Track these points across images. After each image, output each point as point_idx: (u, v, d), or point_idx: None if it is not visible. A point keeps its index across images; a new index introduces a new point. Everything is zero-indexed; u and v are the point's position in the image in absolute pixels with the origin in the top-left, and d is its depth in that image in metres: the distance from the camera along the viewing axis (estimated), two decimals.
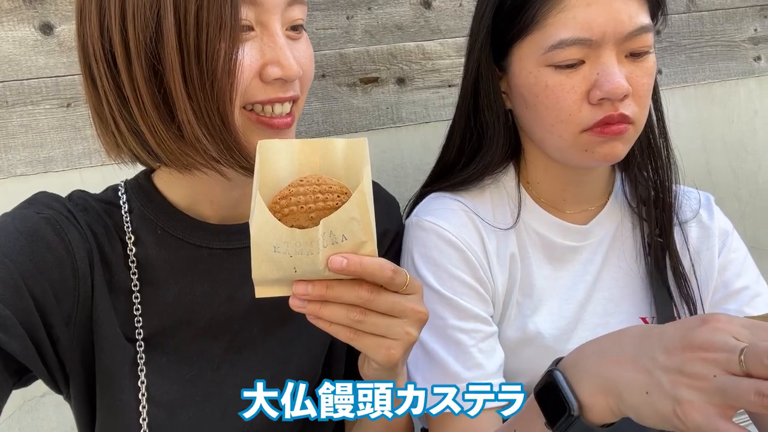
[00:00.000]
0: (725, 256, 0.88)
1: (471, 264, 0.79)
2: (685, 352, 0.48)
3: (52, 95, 1.12)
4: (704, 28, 1.52)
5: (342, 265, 0.52)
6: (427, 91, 1.33)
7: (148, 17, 0.60)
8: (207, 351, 0.73)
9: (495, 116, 0.83)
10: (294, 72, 0.64)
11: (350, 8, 1.27)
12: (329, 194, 0.53)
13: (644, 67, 0.75)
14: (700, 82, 1.53)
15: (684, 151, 1.51)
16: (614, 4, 0.72)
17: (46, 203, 0.70)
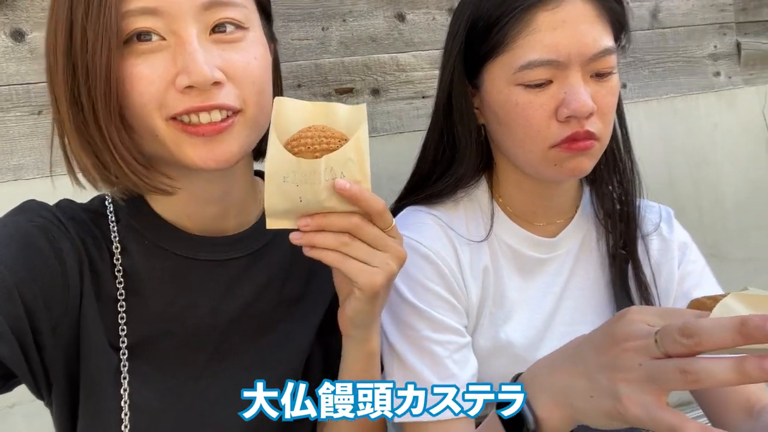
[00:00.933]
0: (684, 267, 0.92)
1: (445, 277, 0.82)
2: (611, 348, 0.51)
3: (23, 102, 1.11)
4: (667, 45, 1.59)
5: (346, 186, 0.60)
6: (401, 102, 1.36)
7: (58, 40, 0.63)
8: (189, 360, 0.73)
9: (467, 132, 0.86)
10: (203, 78, 0.61)
11: (326, 20, 1.29)
12: (332, 139, 0.62)
13: (608, 86, 0.79)
14: (663, 96, 1.59)
15: (647, 162, 1.57)
16: (579, 28, 0.76)
17: (37, 211, 0.70)
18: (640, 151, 1.56)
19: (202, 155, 0.65)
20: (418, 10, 1.36)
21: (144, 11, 0.61)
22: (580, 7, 0.77)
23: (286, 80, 1.26)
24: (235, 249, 0.76)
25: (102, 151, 0.64)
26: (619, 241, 0.92)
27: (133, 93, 0.63)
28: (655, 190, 1.61)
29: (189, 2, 0.62)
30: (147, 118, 0.64)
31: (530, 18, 0.76)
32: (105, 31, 0.60)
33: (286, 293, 0.80)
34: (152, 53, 0.63)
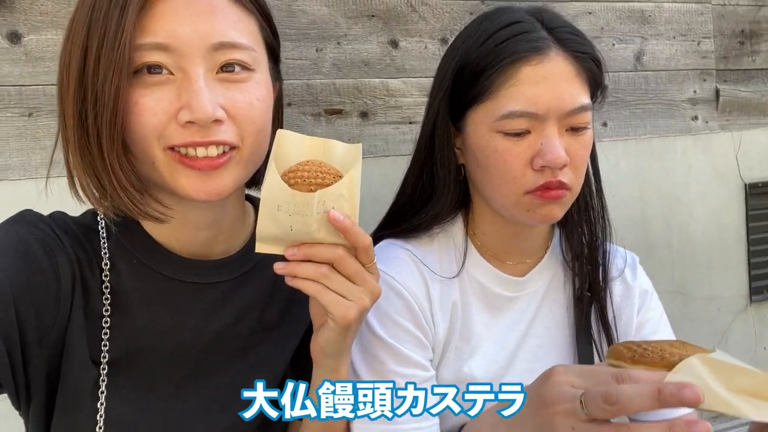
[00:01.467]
0: (643, 314, 0.97)
1: (414, 313, 0.85)
2: (543, 410, 0.56)
3: (15, 104, 1.12)
4: (648, 87, 1.64)
5: (339, 218, 0.64)
6: (388, 126, 1.39)
7: (73, 63, 0.66)
8: (167, 377, 0.75)
9: (447, 171, 0.90)
10: (204, 115, 0.64)
11: (320, 41, 1.31)
12: (327, 174, 0.65)
13: (582, 140, 0.83)
14: (641, 136, 1.64)
15: (622, 199, 1.64)
16: (559, 84, 0.80)
17: (35, 223, 0.71)
18: (616, 188, 1.63)
19: (195, 187, 0.68)
20: (411, 38, 1.39)
21: (156, 47, 0.64)
22: (561, 65, 0.81)
23: None
24: (221, 273, 0.79)
25: (101, 174, 0.66)
26: (585, 283, 0.96)
27: (137, 122, 0.65)
28: (628, 225, 1.67)
29: (199, 42, 0.66)
30: (147, 146, 0.66)
31: (515, 71, 0.81)
32: (117, 61, 0.63)
33: (266, 318, 0.82)
34: (159, 86, 0.66)
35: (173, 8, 0.65)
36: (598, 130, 1.59)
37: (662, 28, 1.63)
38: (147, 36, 0.64)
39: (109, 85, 0.63)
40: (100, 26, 0.64)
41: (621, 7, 1.58)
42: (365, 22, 1.35)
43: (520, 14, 0.86)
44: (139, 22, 0.64)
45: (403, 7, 1.38)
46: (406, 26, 1.38)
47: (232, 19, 0.69)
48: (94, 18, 0.64)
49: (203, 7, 0.67)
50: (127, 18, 0.63)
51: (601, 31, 1.57)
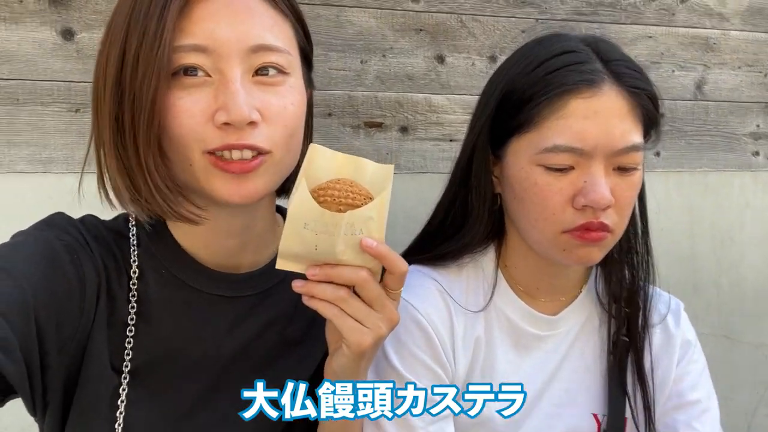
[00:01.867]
0: (683, 367, 0.90)
1: (435, 347, 0.82)
2: None
3: (63, 99, 1.15)
4: (708, 118, 1.56)
5: (373, 245, 0.63)
6: (428, 142, 1.36)
7: (111, 63, 0.66)
8: (187, 389, 0.75)
9: (482, 199, 0.86)
10: (240, 117, 0.64)
11: (366, 53, 1.30)
12: (358, 195, 0.64)
13: (630, 181, 0.78)
14: (696, 169, 1.56)
15: (670, 233, 1.55)
16: (610, 120, 0.75)
17: (64, 228, 0.72)
18: (666, 221, 1.55)
19: (229, 190, 0.68)
20: (458, 54, 1.36)
21: (195, 48, 0.65)
22: (614, 100, 0.76)
23: (317, 107, 1.28)
24: (246, 286, 0.78)
25: (136, 174, 0.66)
26: (622, 327, 0.90)
27: (174, 124, 0.65)
28: (675, 261, 1.59)
29: (238, 44, 0.66)
30: (184, 148, 0.66)
31: (563, 103, 0.76)
32: (156, 63, 0.63)
33: (288, 334, 0.81)
34: (196, 88, 0.66)
35: (212, 10, 0.65)
36: (650, 159, 1.51)
37: (727, 57, 1.55)
38: (186, 38, 0.64)
39: (147, 86, 0.63)
40: (139, 27, 0.64)
41: (684, 32, 1.50)
42: (412, 35, 1.32)
43: (574, 43, 0.81)
44: (178, 23, 0.64)
45: (453, 22, 1.34)
46: (455, 42, 1.35)
47: (268, 22, 0.68)
48: (134, 19, 0.64)
49: (241, 10, 0.66)
50: (167, 19, 0.63)
51: (660, 56, 1.50)
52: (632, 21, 1.46)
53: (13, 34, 1.11)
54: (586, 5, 1.42)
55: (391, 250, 0.65)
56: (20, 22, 1.11)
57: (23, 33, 1.11)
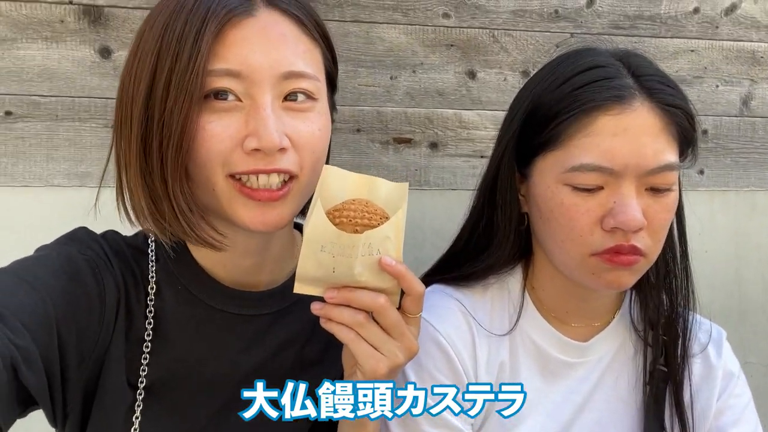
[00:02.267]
0: (725, 400, 0.85)
1: (456, 371, 0.79)
2: None
3: (100, 115, 1.18)
4: (755, 135, 1.48)
5: (392, 264, 0.62)
6: (458, 158, 1.34)
7: (140, 82, 0.66)
8: (201, 407, 0.75)
9: (507, 218, 0.83)
10: (271, 143, 0.64)
11: (395, 69, 1.29)
12: (374, 215, 0.64)
13: (664, 202, 0.74)
14: (743, 188, 1.48)
15: (714, 256, 1.48)
16: (641, 138, 0.71)
17: (86, 243, 0.73)
18: (710, 243, 1.48)
19: (253, 218, 0.67)
20: (490, 69, 1.34)
21: (228, 73, 0.65)
22: (644, 116, 0.72)
23: (346, 123, 1.28)
24: (263, 305, 0.78)
25: (161, 198, 0.66)
26: (659, 357, 0.85)
27: (202, 148, 0.65)
28: (720, 286, 1.50)
29: (270, 70, 0.65)
30: (209, 173, 0.66)
31: (591, 120, 0.73)
32: (189, 87, 0.63)
33: (305, 354, 0.80)
34: (226, 112, 0.65)
35: (246, 36, 0.65)
36: (694, 178, 1.45)
37: None
38: (219, 62, 0.64)
39: (179, 110, 0.63)
40: (172, 50, 0.64)
41: (729, 46, 1.44)
42: (443, 51, 1.31)
43: (603, 57, 0.78)
44: (212, 47, 0.64)
45: (485, 38, 1.33)
46: (486, 57, 1.33)
47: (301, 48, 0.68)
48: (166, 41, 0.64)
49: (275, 36, 0.66)
50: (203, 44, 0.63)
51: (704, 71, 1.44)
52: (673, 34, 1.41)
53: (54, 52, 1.15)
54: (624, 18, 1.38)
55: (408, 270, 0.63)
56: (61, 41, 1.15)
57: (63, 51, 1.15)
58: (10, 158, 1.15)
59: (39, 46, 1.14)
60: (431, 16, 1.30)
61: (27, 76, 1.14)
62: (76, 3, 1.15)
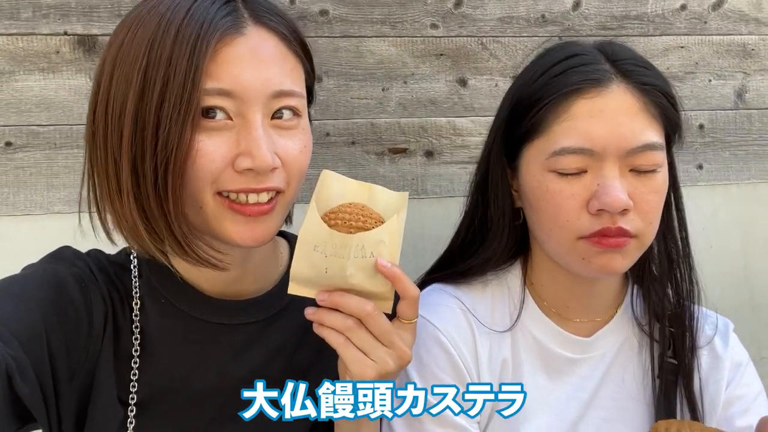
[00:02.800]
0: (733, 390, 0.83)
1: (458, 369, 0.78)
2: None
3: None
4: (752, 126, 1.47)
5: (387, 266, 0.62)
6: (454, 165, 1.34)
7: (123, 101, 0.63)
8: (192, 421, 0.74)
9: (500, 213, 0.83)
10: (265, 164, 0.63)
11: (387, 81, 1.31)
12: (369, 219, 0.64)
13: (650, 184, 0.74)
14: (744, 181, 1.47)
15: (720, 251, 1.46)
16: (618, 118, 0.72)
17: (72, 260, 0.74)
18: (714, 238, 1.46)
19: (241, 233, 0.67)
20: (481, 76, 1.35)
21: (220, 92, 0.64)
22: (621, 97, 0.73)
23: (341, 136, 1.29)
24: (249, 314, 0.77)
25: (158, 221, 0.64)
26: (667, 350, 0.84)
27: (193, 167, 0.64)
28: (728, 282, 1.48)
29: (262, 90, 0.65)
30: (198, 191, 0.65)
31: (569, 104, 0.74)
32: (185, 107, 0.61)
33: (296, 360, 0.79)
34: (217, 131, 0.65)
35: (238, 55, 0.65)
36: (693, 173, 1.44)
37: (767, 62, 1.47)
38: (212, 81, 0.63)
39: (176, 131, 0.61)
40: (163, 68, 0.62)
41: (718, 40, 1.45)
42: (433, 61, 1.32)
43: (582, 47, 0.79)
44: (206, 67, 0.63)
45: (474, 46, 1.34)
46: (476, 64, 1.34)
47: (288, 66, 0.69)
48: (154, 58, 0.62)
49: (266, 55, 0.66)
50: (200, 62, 0.62)
51: (695, 66, 1.44)
52: (662, 32, 1.42)
53: (51, 82, 1.17)
54: (611, 19, 1.39)
55: (404, 274, 0.63)
56: (57, 71, 1.17)
57: (60, 81, 1.18)
58: (11, 188, 1.16)
59: (36, 77, 1.16)
60: (419, 28, 1.31)
61: (25, 106, 1.16)
62: (71, 33, 1.18)
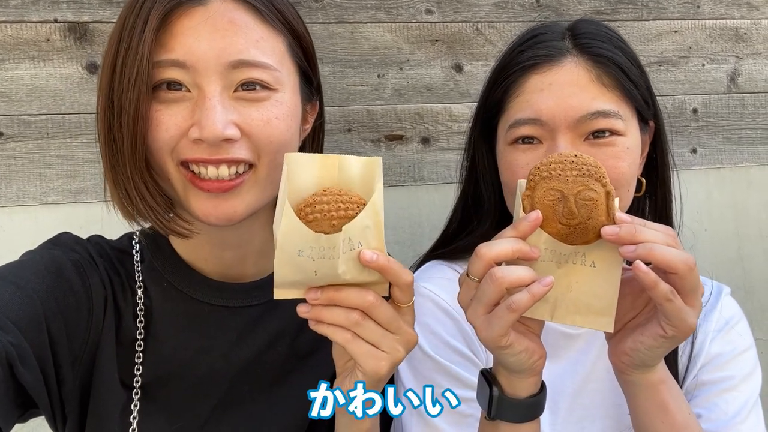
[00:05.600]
0: (717, 344, 0.84)
1: (465, 333, 0.80)
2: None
3: (90, 130, 1.18)
4: (745, 110, 1.49)
5: (373, 258, 0.57)
6: (450, 152, 1.34)
7: (103, 76, 0.67)
8: (196, 405, 0.74)
9: (490, 188, 0.87)
10: (212, 134, 0.63)
11: (382, 67, 1.30)
12: (350, 204, 0.58)
13: (609, 150, 0.74)
14: (737, 164, 1.48)
15: (715, 234, 1.47)
16: (566, 90, 0.75)
17: (70, 246, 0.74)
18: (708, 222, 1.47)
19: (204, 210, 0.67)
20: (476, 62, 1.35)
21: (174, 63, 0.65)
22: (572, 71, 0.76)
23: (337, 123, 1.28)
24: (251, 297, 0.77)
25: (130, 189, 0.67)
26: None
27: (151, 137, 0.66)
28: (723, 265, 1.50)
29: (216, 60, 0.65)
30: (161, 161, 0.67)
31: (524, 80, 0.78)
32: (136, 77, 0.64)
33: (299, 345, 0.79)
34: (175, 102, 0.66)
35: (192, 25, 0.65)
36: (687, 157, 1.45)
37: (760, 46, 1.48)
38: (165, 53, 0.65)
39: (130, 100, 0.64)
40: (125, 42, 0.65)
41: (711, 24, 1.45)
42: (428, 47, 1.32)
43: (550, 26, 0.83)
44: (159, 38, 0.64)
45: (469, 31, 1.34)
46: (471, 50, 1.34)
47: (254, 36, 0.67)
48: (123, 36, 0.66)
49: (223, 24, 0.65)
50: (146, 34, 0.64)
51: (689, 50, 1.45)
52: (655, 17, 1.42)
53: (42, 71, 1.15)
54: (606, 4, 1.40)
55: (393, 261, 0.59)
56: (48, 60, 1.15)
57: (51, 70, 1.16)
58: (3, 179, 1.14)
59: (26, 66, 1.15)
60: (414, 13, 1.31)
61: (16, 96, 1.14)
62: (61, 21, 1.16)
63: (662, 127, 0.85)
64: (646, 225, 0.59)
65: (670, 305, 0.58)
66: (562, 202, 0.60)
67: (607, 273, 0.62)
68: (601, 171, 0.60)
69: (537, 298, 0.59)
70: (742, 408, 0.80)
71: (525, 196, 0.63)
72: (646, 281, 0.57)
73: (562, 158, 0.61)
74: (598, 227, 0.60)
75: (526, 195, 0.63)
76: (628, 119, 0.76)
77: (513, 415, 0.67)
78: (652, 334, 0.61)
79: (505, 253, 0.60)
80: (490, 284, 0.59)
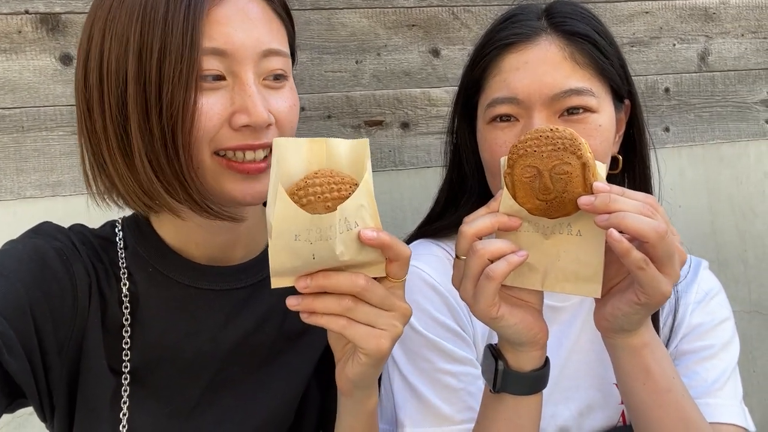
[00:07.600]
0: (697, 315, 0.88)
1: (453, 309, 0.82)
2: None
3: (66, 122, 1.17)
4: (715, 89, 1.52)
5: (374, 236, 0.57)
6: (430, 136, 1.35)
7: (120, 62, 0.63)
8: (186, 388, 0.75)
9: (473, 170, 0.88)
10: (261, 119, 0.65)
11: (360, 53, 1.30)
12: (342, 185, 0.57)
13: (580, 128, 0.75)
14: (709, 141, 1.52)
15: (688, 209, 1.52)
16: (540, 68, 0.77)
17: (53, 234, 0.73)
18: (682, 198, 1.51)
19: (242, 191, 0.68)
20: (453, 46, 1.36)
21: (214, 51, 0.65)
22: (546, 49, 0.78)
23: (316, 110, 1.28)
24: (238, 279, 0.78)
25: (170, 178, 0.65)
26: None
27: (192, 126, 0.64)
28: (697, 239, 1.54)
29: (252, 49, 0.66)
30: (197, 151, 0.66)
31: (500, 60, 0.80)
32: (186, 66, 0.62)
33: (287, 326, 0.80)
34: (213, 91, 0.66)
35: (227, 14, 0.66)
36: (660, 135, 1.48)
37: (729, 25, 1.52)
38: (207, 41, 0.64)
39: (180, 89, 0.62)
40: (159, 28, 0.62)
41: (681, 5, 1.48)
42: (405, 32, 1.32)
43: (527, 7, 0.85)
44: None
45: (445, 15, 1.34)
46: (448, 34, 1.35)
47: (274, 27, 0.70)
48: (148, 19, 0.63)
49: (254, 15, 0.68)
50: (195, 22, 0.63)
51: (659, 31, 1.48)
52: None
53: (14, 63, 1.13)
54: None
55: (392, 237, 0.59)
56: (20, 52, 1.13)
57: (24, 62, 1.14)
58: None
59: None
60: None
61: None
62: (33, 12, 1.14)
63: (638, 105, 0.87)
64: (625, 193, 0.61)
65: (642, 273, 0.59)
66: (538, 178, 0.62)
67: (592, 241, 0.64)
68: (576, 143, 0.62)
69: (513, 266, 0.61)
70: (721, 375, 0.83)
71: (506, 174, 0.64)
72: (618, 249, 0.59)
73: (538, 134, 0.63)
74: (575, 199, 0.62)
75: (507, 173, 0.64)
76: (601, 96, 0.78)
77: (517, 388, 0.68)
78: (627, 300, 0.63)
79: (485, 227, 0.62)
80: (473, 257, 0.61)
